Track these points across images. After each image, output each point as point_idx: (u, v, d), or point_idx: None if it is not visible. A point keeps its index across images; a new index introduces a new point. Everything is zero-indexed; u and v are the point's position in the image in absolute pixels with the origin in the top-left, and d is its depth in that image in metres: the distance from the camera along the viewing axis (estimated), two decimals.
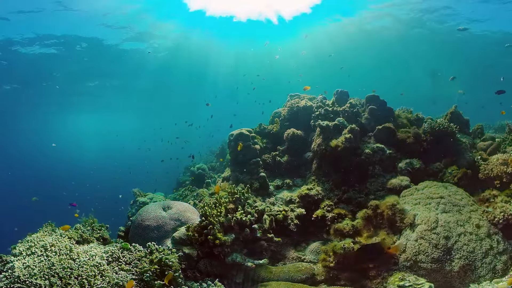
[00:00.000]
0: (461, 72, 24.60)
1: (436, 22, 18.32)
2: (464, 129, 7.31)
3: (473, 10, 16.17)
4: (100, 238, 5.10)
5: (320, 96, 8.19)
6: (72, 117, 38.42)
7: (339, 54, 21.59)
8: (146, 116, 42.39)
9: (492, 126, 11.22)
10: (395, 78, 31.15)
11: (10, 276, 3.57)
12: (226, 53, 21.62)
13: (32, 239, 4.29)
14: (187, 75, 25.44)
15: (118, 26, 16.74)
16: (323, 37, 19.73)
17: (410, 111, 7.78)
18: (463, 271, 4.48)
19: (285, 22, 17.34)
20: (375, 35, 19.84)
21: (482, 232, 4.78)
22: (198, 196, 7.65)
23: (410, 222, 5.02)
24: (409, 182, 5.98)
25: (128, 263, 4.29)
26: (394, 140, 6.77)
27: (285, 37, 19.32)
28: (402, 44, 21.36)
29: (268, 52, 20.59)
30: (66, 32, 16.77)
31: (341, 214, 5.74)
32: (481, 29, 18.80)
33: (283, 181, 7.13)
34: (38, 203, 13.67)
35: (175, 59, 21.80)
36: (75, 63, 20.58)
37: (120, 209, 12.25)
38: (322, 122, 6.88)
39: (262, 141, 8.00)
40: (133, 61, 21.50)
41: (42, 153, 50.42)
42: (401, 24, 18.29)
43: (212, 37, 18.95)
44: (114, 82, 26.01)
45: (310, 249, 5.59)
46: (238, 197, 5.38)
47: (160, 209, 5.77)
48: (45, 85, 23.81)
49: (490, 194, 5.38)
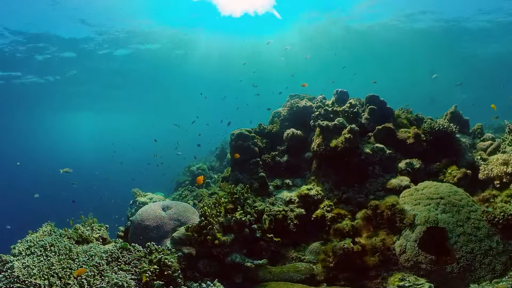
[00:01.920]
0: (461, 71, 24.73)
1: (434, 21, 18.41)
2: (464, 129, 7.30)
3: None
4: (99, 238, 5.10)
5: (320, 96, 8.18)
6: (80, 115, 38.46)
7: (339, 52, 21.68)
8: (144, 116, 42.43)
9: (492, 126, 11.22)
10: (395, 78, 31.22)
11: (10, 276, 3.57)
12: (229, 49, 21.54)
13: (32, 239, 4.29)
14: (188, 75, 25.49)
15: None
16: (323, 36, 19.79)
17: (410, 111, 7.77)
18: (463, 271, 4.48)
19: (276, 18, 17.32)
20: (376, 33, 19.87)
21: (481, 233, 4.77)
22: (198, 196, 7.65)
23: (410, 223, 5.01)
24: (409, 182, 5.97)
25: (127, 263, 4.29)
26: (394, 140, 6.76)
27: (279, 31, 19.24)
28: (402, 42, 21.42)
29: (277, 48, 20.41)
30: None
31: (340, 214, 5.73)
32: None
33: (282, 181, 7.13)
34: (37, 204, 13.67)
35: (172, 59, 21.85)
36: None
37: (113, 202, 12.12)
38: (322, 122, 6.87)
39: (261, 141, 8.00)
40: (138, 63, 21.66)
41: (41, 152, 50.42)
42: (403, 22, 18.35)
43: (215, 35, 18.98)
44: (119, 83, 26.09)
45: (309, 249, 5.59)
46: (237, 197, 5.37)
47: (160, 209, 5.77)
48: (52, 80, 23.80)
49: (490, 194, 5.38)
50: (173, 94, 30.40)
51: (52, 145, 53.56)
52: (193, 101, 16.50)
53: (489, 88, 31.08)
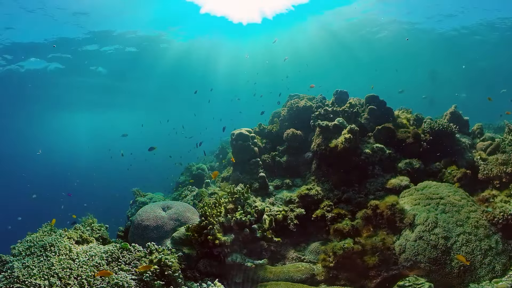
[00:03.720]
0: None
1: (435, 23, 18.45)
2: (463, 129, 7.31)
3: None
4: (99, 238, 5.10)
5: (320, 96, 8.19)
6: (81, 115, 38.36)
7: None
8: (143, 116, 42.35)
9: (492, 126, 11.22)
10: (395, 78, 31.28)
11: (10, 276, 3.57)
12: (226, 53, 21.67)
13: (32, 239, 4.29)
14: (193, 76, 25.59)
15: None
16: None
17: (410, 111, 7.78)
18: (462, 271, 4.48)
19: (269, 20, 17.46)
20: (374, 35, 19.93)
21: (481, 233, 4.78)
22: (198, 196, 7.64)
23: (410, 222, 5.02)
24: (408, 182, 5.97)
25: (127, 263, 4.29)
26: (393, 140, 6.77)
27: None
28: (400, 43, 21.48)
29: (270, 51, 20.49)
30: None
31: (340, 214, 5.73)
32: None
33: (282, 181, 7.13)
34: (37, 203, 13.67)
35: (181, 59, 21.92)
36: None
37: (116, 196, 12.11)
38: (322, 122, 6.87)
39: (261, 141, 8.00)
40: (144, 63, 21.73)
41: (41, 152, 50.26)
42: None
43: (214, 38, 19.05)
44: (122, 84, 26.01)
45: (309, 249, 5.59)
46: (237, 197, 5.37)
47: (160, 209, 5.77)
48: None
49: (489, 194, 5.38)
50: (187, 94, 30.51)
51: (51, 145, 53.47)
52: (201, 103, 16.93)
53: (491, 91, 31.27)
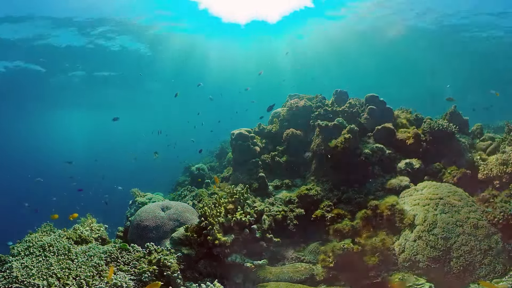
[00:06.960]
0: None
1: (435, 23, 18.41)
2: (463, 129, 7.30)
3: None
4: (98, 238, 5.08)
5: (320, 96, 8.18)
6: (81, 114, 38.31)
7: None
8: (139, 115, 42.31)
9: (492, 126, 11.21)
10: (396, 78, 31.26)
11: (8, 276, 3.56)
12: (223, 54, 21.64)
13: (31, 239, 4.27)
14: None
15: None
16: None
17: (410, 111, 7.77)
18: (462, 271, 4.47)
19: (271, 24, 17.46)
20: (378, 33, 19.90)
21: (481, 233, 4.77)
22: (197, 197, 7.62)
23: (410, 223, 5.01)
24: (408, 183, 5.97)
25: (126, 264, 4.28)
26: (393, 140, 6.76)
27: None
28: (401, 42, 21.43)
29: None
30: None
31: (340, 215, 5.73)
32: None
33: (282, 181, 7.12)
34: (36, 203, 13.65)
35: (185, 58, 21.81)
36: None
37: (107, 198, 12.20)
38: (322, 122, 6.87)
39: (261, 141, 7.99)
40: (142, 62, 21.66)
41: (40, 152, 50.31)
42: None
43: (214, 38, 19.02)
44: (118, 81, 25.93)
45: (309, 250, 5.58)
46: (237, 197, 5.36)
47: (159, 210, 5.75)
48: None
49: (489, 194, 5.38)
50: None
51: (51, 144, 53.47)
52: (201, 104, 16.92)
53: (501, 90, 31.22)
